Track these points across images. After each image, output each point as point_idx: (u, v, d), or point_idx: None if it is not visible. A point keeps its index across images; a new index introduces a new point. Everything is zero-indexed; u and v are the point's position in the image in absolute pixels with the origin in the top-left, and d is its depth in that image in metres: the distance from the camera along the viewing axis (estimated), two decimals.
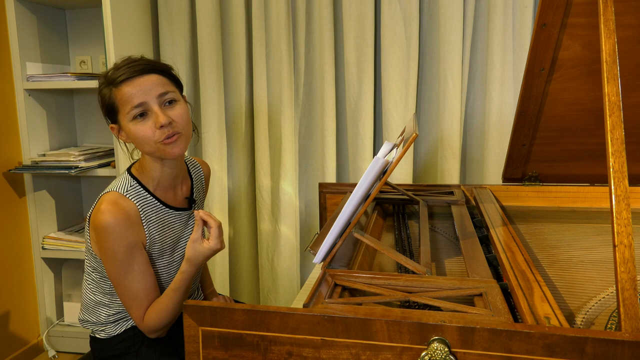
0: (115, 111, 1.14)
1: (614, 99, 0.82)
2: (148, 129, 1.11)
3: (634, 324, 0.68)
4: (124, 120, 1.14)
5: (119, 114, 1.14)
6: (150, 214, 1.19)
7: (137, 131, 1.12)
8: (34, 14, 2.20)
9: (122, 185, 1.17)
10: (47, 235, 2.29)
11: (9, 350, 2.20)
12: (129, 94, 1.10)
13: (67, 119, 2.42)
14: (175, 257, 1.25)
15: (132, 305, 1.16)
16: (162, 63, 1.19)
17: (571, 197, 1.53)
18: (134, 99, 1.10)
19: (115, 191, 1.15)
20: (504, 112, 2.04)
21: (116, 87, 1.11)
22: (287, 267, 2.32)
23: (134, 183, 1.19)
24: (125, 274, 1.14)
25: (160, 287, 1.22)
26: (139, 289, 1.15)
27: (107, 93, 1.14)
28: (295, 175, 2.29)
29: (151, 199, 1.20)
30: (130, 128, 1.13)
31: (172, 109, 1.14)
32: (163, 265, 1.23)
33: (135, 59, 1.16)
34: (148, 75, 1.12)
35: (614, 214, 0.75)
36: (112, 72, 1.14)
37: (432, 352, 0.66)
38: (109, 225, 1.10)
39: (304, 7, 2.16)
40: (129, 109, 1.11)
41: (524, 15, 1.98)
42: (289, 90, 2.21)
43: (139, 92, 1.10)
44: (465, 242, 1.13)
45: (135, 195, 1.16)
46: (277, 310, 0.71)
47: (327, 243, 1.00)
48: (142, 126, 1.11)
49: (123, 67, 1.12)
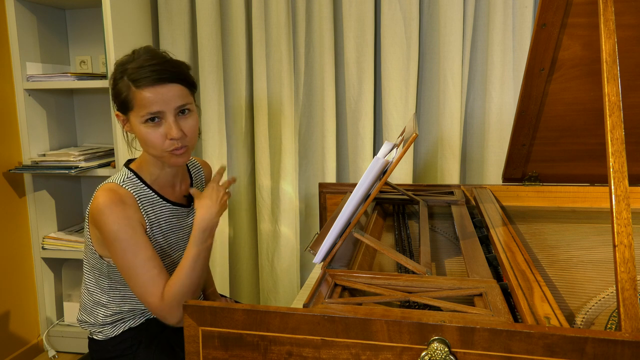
0: (129, 108, 1.12)
1: (614, 99, 0.82)
2: (159, 136, 1.10)
3: (634, 324, 0.68)
4: (135, 119, 1.12)
5: (131, 111, 1.12)
6: (146, 203, 1.18)
7: (147, 134, 1.11)
8: (34, 14, 2.20)
9: (119, 177, 1.18)
10: (47, 235, 2.29)
11: (9, 350, 2.20)
12: (148, 100, 1.08)
13: (67, 119, 2.42)
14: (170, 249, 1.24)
15: (147, 285, 1.09)
16: (184, 67, 1.16)
17: (571, 197, 1.53)
18: (152, 106, 1.08)
19: (113, 182, 1.16)
20: (504, 112, 2.04)
21: (137, 88, 1.08)
22: (287, 267, 2.32)
23: (131, 175, 1.19)
24: (133, 253, 1.09)
25: None
26: (152, 265, 1.10)
27: (125, 89, 1.10)
28: (295, 175, 2.29)
29: (148, 190, 1.20)
30: (140, 129, 1.11)
31: (185, 121, 1.13)
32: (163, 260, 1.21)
33: (160, 58, 1.12)
34: (171, 84, 1.10)
35: (614, 214, 0.75)
36: (133, 67, 1.10)
37: (432, 352, 0.66)
38: (106, 207, 1.09)
39: (304, 7, 2.16)
40: (144, 113, 1.09)
41: (524, 15, 1.98)
42: (289, 90, 2.21)
43: (159, 100, 1.08)
44: (465, 242, 1.13)
45: (132, 186, 1.16)
46: (277, 310, 0.71)
47: (327, 243, 1.00)
48: (153, 131, 1.10)
49: (147, 68, 1.08)
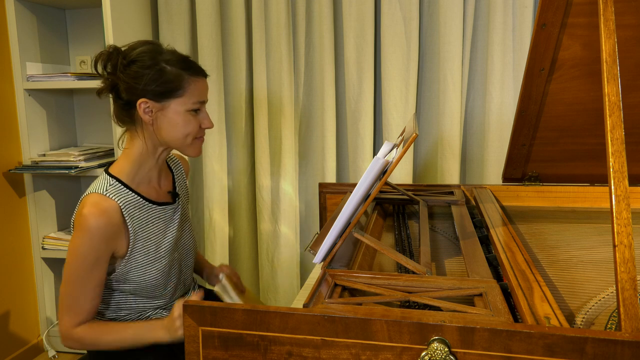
0: (173, 94, 1.15)
1: (614, 99, 0.82)
2: (196, 124, 1.19)
3: (634, 324, 0.68)
4: (178, 106, 1.16)
5: (175, 97, 1.15)
6: (133, 210, 1.18)
7: (186, 122, 1.17)
8: (34, 14, 2.20)
9: (101, 185, 1.16)
10: (47, 235, 2.29)
11: (9, 350, 2.20)
12: (200, 88, 1.18)
13: (67, 119, 2.42)
14: (160, 251, 1.23)
15: (71, 310, 1.15)
16: None
17: (571, 197, 1.53)
18: (202, 95, 1.19)
19: (96, 192, 1.14)
20: (504, 112, 2.04)
21: (192, 75, 1.16)
22: (287, 267, 2.32)
23: (113, 181, 1.17)
24: (82, 279, 1.13)
25: (146, 284, 1.21)
26: (89, 298, 1.15)
27: (175, 76, 1.15)
28: (295, 175, 2.29)
29: (133, 195, 1.19)
30: (181, 116, 1.17)
31: None
32: (149, 261, 1.21)
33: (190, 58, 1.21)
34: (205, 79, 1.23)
35: (614, 214, 0.75)
36: (176, 57, 1.16)
37: (432, 352, 0.66)
38: (91, 229, 1.10)
39: (304, 7, 2.16)
40: (195, 100, 1.17)
41: (524, 15, 1.98)
42: (289, 90, 2.21)
43: (205, 91, 1.21)
44: (465, 242, 1.13)
45: (116, 194, 1.15)
46: (277, 310, 0.71)
47: (327, 243, 1.00)
48: (193, 119, 1.18)
49: (190, 61, 1.18)
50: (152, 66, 1.14)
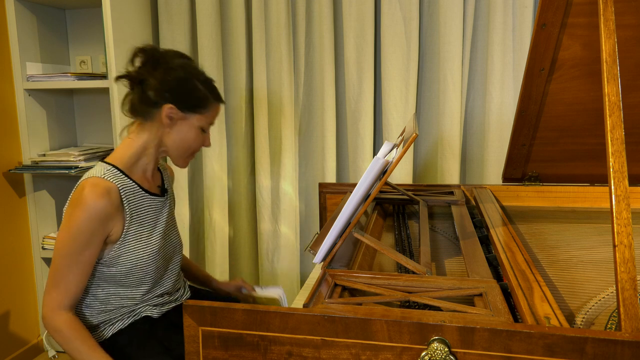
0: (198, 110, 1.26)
1: (614, 99, 0.82)
2: (200, 141, 1.32)
3: (634, 324, 0.68)
4: (196, 121, 1.27)
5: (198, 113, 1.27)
6: (129, 194, 1.22)
7: (196, 138, 1.29)
8: (34, 14, 2.20)
9: (98, 170, 1.20)
10: (47, 235, 2.29)
11: (9, 350, 2.20)
12: (217, 112, 1.33)
13: (67, 119, 2.42)
14: (151, 238, 1.27)
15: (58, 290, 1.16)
16: None
17: (571, 197, 1.54)
18: (215, 118, 1.34)
19: (94, 176, 1.18)
20: (504, 112, 2.04)
21: (215, 99, 1.30)
22: (287, 267, 2.32)
23: (110, 167, 1.22)
24: (73, 257, 1.14)
25: (138, 269, 1.23)
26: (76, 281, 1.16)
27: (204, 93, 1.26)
28: (295, 175, 2.29)
29: (128, 181, 1.23)
30: (193, 131, 1.28)
31: None
32: (141, 246, 1.24)
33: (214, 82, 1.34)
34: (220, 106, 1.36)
35: (614, 214, 0.75)
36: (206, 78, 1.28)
37: (432, 352, 0.66)
38: (90, 208, 1.13)
39: (304, 7, 2.16)
40: (210, 120, 1.31)
41: (524, 15, 1.98)
42: (289, 90, 2.21)
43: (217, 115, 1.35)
44: (465, 242, 1.13)
45: (113, 177, 1.20)
46: (277, 310, 0.71)
47: (327, 243, 1.00)
48: (201, 137, 1.31)
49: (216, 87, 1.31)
50: (188, 80, 1.25)
